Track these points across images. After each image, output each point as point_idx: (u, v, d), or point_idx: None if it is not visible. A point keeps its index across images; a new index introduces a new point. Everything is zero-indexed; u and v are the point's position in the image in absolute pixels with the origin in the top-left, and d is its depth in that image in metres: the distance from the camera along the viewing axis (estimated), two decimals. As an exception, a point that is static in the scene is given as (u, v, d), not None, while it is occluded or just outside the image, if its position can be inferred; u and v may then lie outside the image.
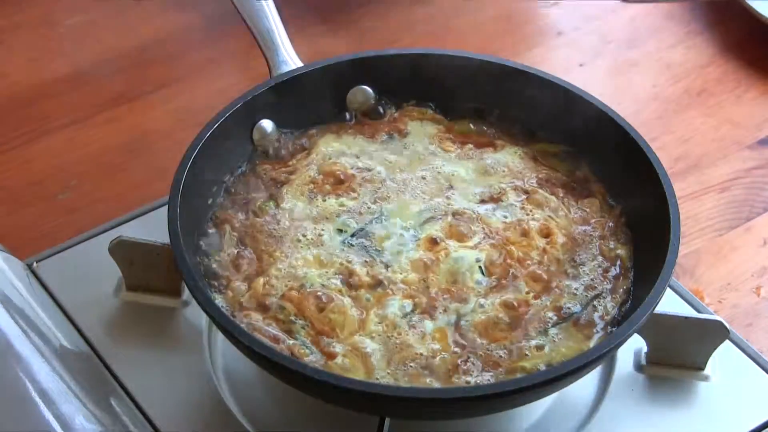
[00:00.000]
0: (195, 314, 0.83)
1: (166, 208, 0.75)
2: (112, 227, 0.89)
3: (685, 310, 0.84)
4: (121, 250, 0.81)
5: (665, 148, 1.01)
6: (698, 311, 0.85)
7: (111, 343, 0.81)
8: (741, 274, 0.91)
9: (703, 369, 0.81)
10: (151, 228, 0.85)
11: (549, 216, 0.82)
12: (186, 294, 0.83)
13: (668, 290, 0.82)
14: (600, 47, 1.13)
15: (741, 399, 0.80)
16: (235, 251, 0.79)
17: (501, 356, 0.73)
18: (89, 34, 1.10)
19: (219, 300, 0.76)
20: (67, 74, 1.06)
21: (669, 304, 0.82)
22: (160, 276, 0.82)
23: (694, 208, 0.96)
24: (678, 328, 0.79)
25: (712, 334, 0.79)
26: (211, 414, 0.78)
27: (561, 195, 0.83)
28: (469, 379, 0.72)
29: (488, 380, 0.72)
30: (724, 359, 0.81)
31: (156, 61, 1.07)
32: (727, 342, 0.80)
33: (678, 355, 0.81)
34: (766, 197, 0.97)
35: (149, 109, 1.02)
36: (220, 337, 0.81)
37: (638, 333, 0.76)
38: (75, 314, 0.83)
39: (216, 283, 0.77)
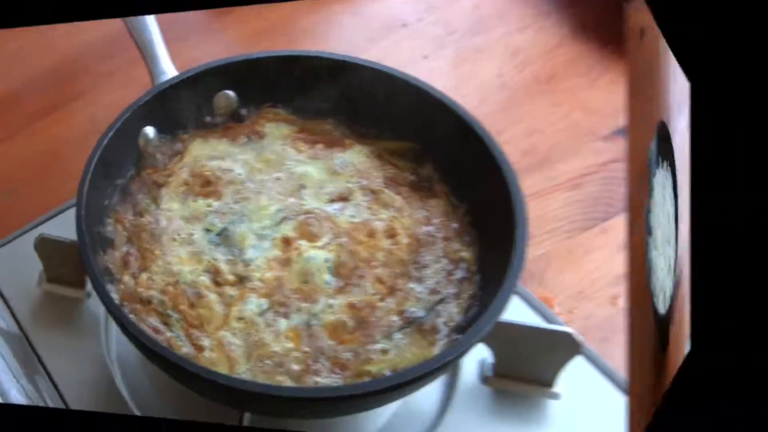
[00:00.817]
0: (96, 305, 0.90)
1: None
2: (38, 225, 0.98)
3: (533, 320, 0.77)
4: (42, 247, 0.90)
5: (512, 142, 0.91)
6: (547, 321, 0.78)
7: (35, 327, 0.90)
8: (595, 281, 0.81)
9: (551, 386, 0.74)
10: (69, 226, 0.88)
11: (394, 216, 0.79)
12: (89, 286, 0.90)
13: (516, 297, 0.77)
14: (444, 37, 1.04)
15: (593, 421, 0.73)
16: (125, 249, 0.83)
17: (348, 358, 0.73)
18: (18, 57, 1.17)
19: (114, 293, 0.80)
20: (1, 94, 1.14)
21: (517, 312, 0.77)
22: (71, 269, 0.89)
23: (544, 206, 0.87)
24: (524, 339, 0.73)
25: (562, 347, 0.72)
26: (106, 396, 0.84)
27: (406, 194, 0.81)
28: (318, 379, 0.72)
29: (335, 382, 0.71)
30: (576, 376, 0.74)
31: (68, 77, 1.13)
32: (579, 357, 0.73)
33: (526, 369, 0.75)
34: (624, 195, 0.79)
35: (65, 121, 1.09)
36: (114, 326, 0.88)
37: (483, 342, 0.72)
38: (11, 301, 0.93)
39: (114, 277, 0.82)
